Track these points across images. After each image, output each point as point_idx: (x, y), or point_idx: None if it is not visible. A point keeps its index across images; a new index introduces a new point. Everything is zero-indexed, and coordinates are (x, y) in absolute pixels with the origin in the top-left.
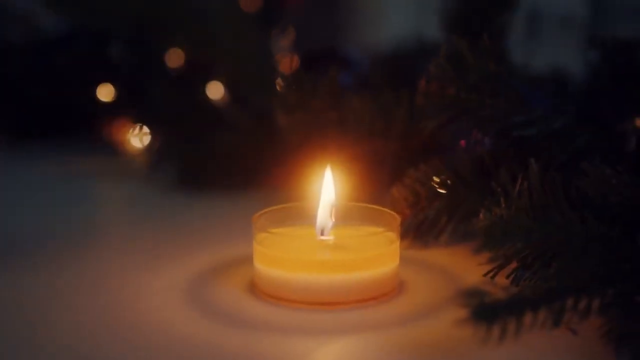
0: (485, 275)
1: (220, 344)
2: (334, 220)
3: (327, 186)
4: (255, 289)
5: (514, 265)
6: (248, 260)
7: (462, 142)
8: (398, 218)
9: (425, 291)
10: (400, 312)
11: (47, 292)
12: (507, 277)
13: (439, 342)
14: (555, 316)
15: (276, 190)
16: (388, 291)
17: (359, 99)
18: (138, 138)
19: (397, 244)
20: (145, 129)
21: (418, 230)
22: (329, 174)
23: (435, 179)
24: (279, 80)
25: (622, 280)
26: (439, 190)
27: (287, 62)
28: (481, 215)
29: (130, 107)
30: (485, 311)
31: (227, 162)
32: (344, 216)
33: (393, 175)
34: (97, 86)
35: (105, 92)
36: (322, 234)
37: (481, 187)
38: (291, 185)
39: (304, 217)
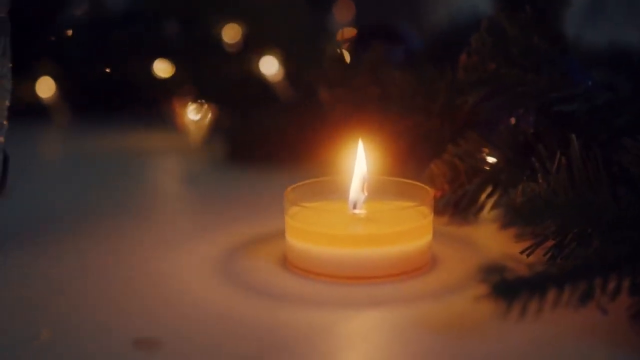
0: (521, 252)
1: (250, 315)
2: (366, 194)
3: (359, 160)
4: (286, 262)
5: (550, 243)
6: (283, 233)
7: (512, 120)
8: (431, 192)
9: (458, 267)
10: (431, 288)
11: (84, 262)
12: (544, 255)
13: (467, 319)
14: (583, 295)
15: (320, 165)
16: (420, 266)
17: (401, 75)
18: (194, 113)
19: (430, 218)
20: (201, 104)
21: (457, 206)
22: (362, 148)
23: (483, 153)
24: (328, 56)
25: None
26: (483, 166)
27: (340, 38)
28: (518, 192)
29: (186, 83)
30: (506, 287)
31: (275, 137)
32: (377, 190)
33: (434, 151)
34: (154, 62)
35: (163, 68)
36: (354, 207)
37: (522, 163)
38: (332, 160)
39: (337, 191)
